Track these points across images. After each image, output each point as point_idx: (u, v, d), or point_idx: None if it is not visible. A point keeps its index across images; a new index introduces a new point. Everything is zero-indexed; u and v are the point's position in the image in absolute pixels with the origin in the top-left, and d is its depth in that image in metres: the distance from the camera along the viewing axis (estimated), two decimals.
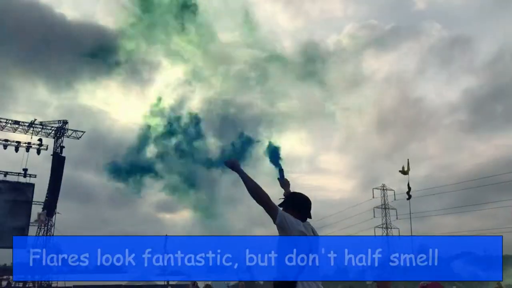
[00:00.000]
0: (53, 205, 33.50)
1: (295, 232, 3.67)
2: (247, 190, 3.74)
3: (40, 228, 33.82)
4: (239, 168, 3.83)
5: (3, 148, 33.00)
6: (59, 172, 33.18)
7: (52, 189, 33.03)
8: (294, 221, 3.71)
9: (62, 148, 34.15)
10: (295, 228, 3.68)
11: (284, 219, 3.67)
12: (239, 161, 3.90)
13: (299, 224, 3.73)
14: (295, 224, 3.70)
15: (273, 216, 3.67)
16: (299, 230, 3.69)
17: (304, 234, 3.70)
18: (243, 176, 3.79)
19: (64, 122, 34.26)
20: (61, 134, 34.41)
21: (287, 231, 3.69)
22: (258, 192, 3.70)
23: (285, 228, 3.69)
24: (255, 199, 3.70)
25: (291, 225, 3.68)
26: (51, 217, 33.89)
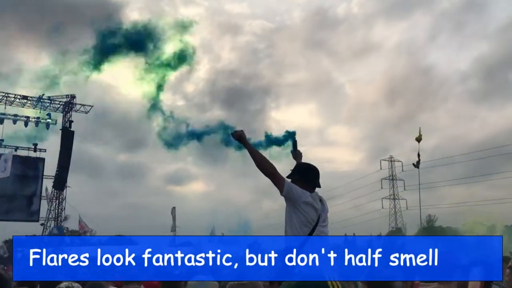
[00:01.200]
0: (63, 179, 33.90)
1: (301, 202, 3.66)
2: (254, 163, 3.73)
3: (52, 201, 34.34)
4: (246, 141, 3.83)
5: (13, 123, 33.18)
6: (68, 146, 33.44)
7: (62, 163, 33.35)
8: (300, 192, 3.71)
9: (71, 122, 34.33)
10: (301, 198, 3.67)
11: (290, 190, 3.67)
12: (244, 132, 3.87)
13: (306, 194, 3.71)
14: (301, 194, 3.69)
15: (280, 188, 3.68)
16: (306, 201, 3.68)
17: (311, 205, 3.69)
18: (249, 149, 3.79)
19: (72, 96, 34.28)
20: (69, 109, 34.52)
21: (294, 202, 3.68)
22: (264, 164, 3.71)
23: (291, 199, 3.69)
24: (261, 171, 3.70)
25: (297, 196, 3.67)
26: (62, 190, 34.35)
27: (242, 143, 3.85)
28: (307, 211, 3.66)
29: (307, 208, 3.66)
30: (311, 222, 3.65)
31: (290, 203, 3.72)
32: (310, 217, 3.66)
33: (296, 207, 3.68)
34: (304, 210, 3.66)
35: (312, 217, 3.66)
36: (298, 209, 3.67)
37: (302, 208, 3.66)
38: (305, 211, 3.66)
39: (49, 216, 34.07)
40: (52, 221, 33.54)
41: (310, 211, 3.67)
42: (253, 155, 3.75)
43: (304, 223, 3.64)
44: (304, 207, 3.66)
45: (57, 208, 34.26)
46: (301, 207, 3.66)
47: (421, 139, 20.29)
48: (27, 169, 33.47)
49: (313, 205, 3.69)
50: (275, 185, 3.70)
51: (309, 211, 3.67)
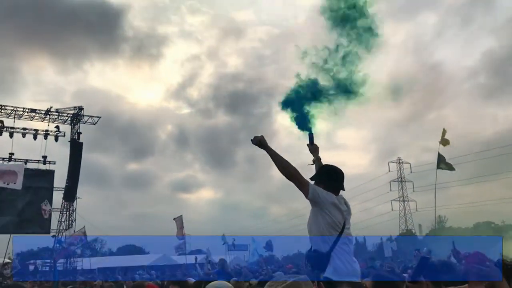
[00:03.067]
0: (73, 191, 34.10)
1: (327, 204, 3.63)
2: (276, 166, 3.69)
3: (62, 213, 34.56)
4: (267, 145, 3.79)
5: (22, 136, 33.49)
6: (77, 158, 33.67)
7: (72, 175, 33.57)
8: (326, 194, 3.67)
9: (79, 134, 34.59)
10: (328, 201, 3.64)
11: (316, 193, 3.63)
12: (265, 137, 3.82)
13: (332, 196, 3.68)
14: (327, 197, 3.66)
15: (305, 191, 3.64)
16: (332, 202, 3.65)
17: (337, 207, 3.66)
18: (271, 153, 3.75)
19: (79, 108, 34.58)
20: (77, 121, 34.79)
21: (320, 205, 3.65)
22: (287, 168, 3.66)
23: (317, 202, 3.66)
24: (284, 175, 3.65)
25: (323, 198, 3.64)
26: (72, 202, 34.55)
27: (263, 148, 3.79)
28: (334, 214, 3.63)
29: (333, 211, 3.64)
30: (338, 225, 3.63)
31: (317, 206, 3.69)
32: (337, 220, 3.63)
33: (324, 210, 3.64)
34: (331, 213, 3.63)
35: (339, 220, 3.64)
36: (326, 212, 3.63)
37: (329, 210, 3.63)
38: (332, 214, 3.63)
39: (60, 228, 34.27)
40: (63, 233, 33.72)
41: (336, 214, 3.64)
42: (275, 159, 3.70)
43: (332, 225, 3.62)
44: (331, 210, 3.63)
45: (68, 219, 34.46)
46: (328, 210, 3.63)
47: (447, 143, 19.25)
48: (37, 181, 33.69)
49: (339, 208, 3.67)
50: (299, 188, 3.66)
51: (336, 214, 3.64)
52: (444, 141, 19.76)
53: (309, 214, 3.81)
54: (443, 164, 21.30)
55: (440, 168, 21.94)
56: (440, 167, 21.64)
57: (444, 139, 19.80)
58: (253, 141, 3.86)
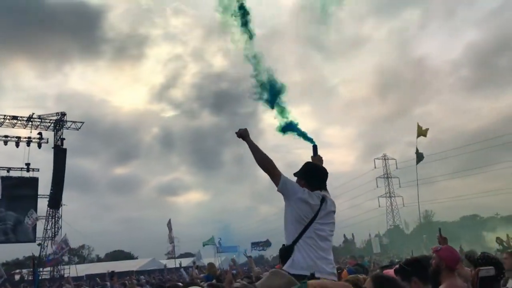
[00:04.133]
0: (58, 198, 33.68)
1: (294, 198, 3.69)
2: (253, 156, 3.84)
3: (48, 221, 34.09)
4: (248, 138, 3.92)
5: (4, 144, 32.98)
6: (61, 164, 33.26)
7: (56, 181, 33.15)
8: (296, 188, 3.75)
9: (63, 140, 34.17)
10: (295, 194, 3.70)
11: (285, 185, 3.73)
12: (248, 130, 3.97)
13: (303, 191, 3.72)
14: (297, 191, 3.72)
15: (276, 182, 3.75)
16: (300, 197, 3.69)
17: (305, 201, 3.68)
18: (251, 145, 3.89)
19: (62, 114, 34.17)
20: (60, 126, 34.37)
21: (288, 197, 3.74)
22: (263, 160, 3.80)
23: (286, 195, 3.75)
24: (261, 166, 3.80)
25: (292, 191, 3.72)
26: (57, 209, 34.10)
27: (244, 139, 3.94)
28: (300, 207, 3.67)
29: (300, 204, 3.67)
30: (304, 219, 3.65)
31: (285, 198, 3.77)
32: (303, 213, 3.66)
33: (290, 203, 3.72)
34: (298, 205, 3.68)
35: (305, 214, 3.66)
36: (292, 205, 3.71)
37: (296, 204, 3.68)
38: (298, 207, 3.67)
39: (46, 236, 33.80)
40: (49, 241, 33.24)
41: (303, 207, 3.67)
42: (254, 150, 3.85)
43: (297, 219, 3.66)
44: (297, 203, 3.68)
45: (53, 227, 34.00)
46: (294, 203, 3.69)
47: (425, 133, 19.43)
48: (21, 189, 33.20)
49: (307, 202, 3.68)
50: (272, 180, 3.77)
51: (303, 207, 3.67)
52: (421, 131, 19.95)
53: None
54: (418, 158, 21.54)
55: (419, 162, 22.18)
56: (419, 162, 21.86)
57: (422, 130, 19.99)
58: (237, 133, 3.98)
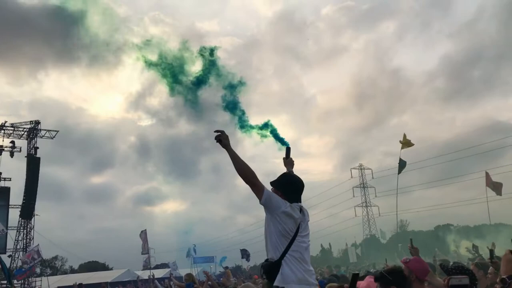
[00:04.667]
0: (31, 208, 32.87)
1: (279, 212, 3.63)
2: (234, 167, 3.69)
3: (19, 231, 33.22)
4: (229, 147, 3.76)
5: None
6: (34, 173, 32.51)
7: (29, 191, 32.37)
8: (280, 202, 3.68)
9: (36, 149, 33.47)
10: (280, 208, 3.64)
11: (269, 199, 3.64)
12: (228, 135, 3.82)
13: (286, 204, 3.68)
14: (280, 204, 3.66)
15: (259, 196, 3.64)
16: (284, 210, 3.65)
17: (289, 215, 3.65)
18: (231, 154, 3.73)
19: (36, 122, 33.53)
20: (34, 135, 33.69)
21: (272, 211, 3.66)
22: (245, 171, 3.66)
23: (270, 208, 3.66)
24: (242, 177, 3.66)
25: (276, 205, 3.65)
26: (29, 219, 33.28)
27: (224, 147, 3.77)
28: (285, 221, 3.63)
29: (285, 218, 3.63)
30: (289, 233, 3.62)
31: (269, 212, 3.69)
32: (288, 227, 3.63)
33: (274, 217, 3.65)
34: (282, 220, 3.62)
35: (290, 227, 3.63)
36: (276, 219, 3.64)
37: (281, 217, 3.62)
38: (283, 221, 3.62)
39: (17, 247, 32.91)
40: (20, 252, 32.37)
41: (288, 221, 3.63)
42: (234, 161, 3.69)
43: (283, 233, 3.62)
44: (282, 217, 3.63)
45: (25, 238, 33.13)
46: (279, 217, 3.63)
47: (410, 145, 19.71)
48: None
49: (291, 215, 3.65)
50: (254, 192, 3.66)
51: (287, 221, 3.63)
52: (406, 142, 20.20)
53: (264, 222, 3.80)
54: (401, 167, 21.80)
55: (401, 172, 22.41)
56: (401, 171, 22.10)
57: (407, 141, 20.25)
58: (216, 138, 3.80)
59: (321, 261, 50.38)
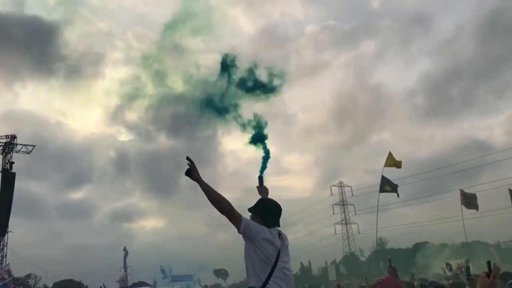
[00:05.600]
0: (4, 224, 32.00)
1: (259, 239, 3.59)
2: (208, 199, 3.59)
3: None
4: (199, 177, 3.65)
5: None
6: (9, 189, 31.75)
7: (3, 207, 31.54)
8: (259, 228, 3.63)
9: (12, 163, 32.77)
10: (259, 235, 3.60)
11: (248, 227, 3.59)
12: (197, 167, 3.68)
13: (265, 230, 3.64)
14: (259, 231, 3.62)
15: (237, 225, 3.58)
16: (264, 237, 3.61)
17: (269, 241, 3.62)
18: (203, 186, 3.63)
19: (12, 136, 32.89)
20: (10, 150, 33.00)
21: (251, 239, 3.61)
22: (221, 202, 3.58)
23: (249, 236, 3.61)
24: (218, 209, 3.58)
25: (255, 233, 3.60)
26: (3, 236, 32.38)
27: (195, 180, 3.64)
28: (265, 247, 3.58)
29: (265, 245, 3.59)
30: (270, 259, 3.58)
31: (248, 240, 3.63)
32: (269, 253, 3.58)
33: (255, 244, 3.59)
34: (263, 246, 3.58)
35: (271, 253, 3.59)
36: (257, 246, 3.58)
37: (261, 244, 3.58)
38: (264, 248, 3.58)
39: None
40: None
41: (268, 248, 3.59)
42: (207, 192, 3.60)
43: (265, 260, 3.57)
44: (262, 244, 3.58)
45: None
46: (260, 244, 3.58)
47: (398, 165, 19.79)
48: None
49: (271, 242, 3.62)
50: (232, 222, 3.59)
51: (268, 247, 3.59)
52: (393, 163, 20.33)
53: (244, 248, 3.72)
54: (388, 186, 21.93)
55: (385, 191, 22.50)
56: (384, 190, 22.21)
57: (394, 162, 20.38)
58: (186, 172, 3.67)
59: (300, 279, 50.10)
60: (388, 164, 20.69)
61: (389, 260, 5.23)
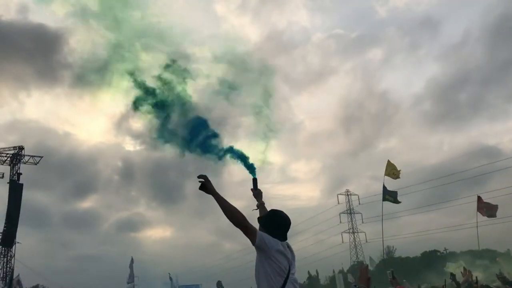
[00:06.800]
0: (12, 235, 32.12)
1: (274, 252, 3.62)
2: (223, 212, 3.63)
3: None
4: (213, 190, 3.70)
5: None
6: (16, 200, 31.91)
7: (10, 218, 31.69)
8: (272, 241, 3.66)
9: (19, 175, 32.96)
10: (274, 248, 3.63)
11: (263, 241, 3.62)
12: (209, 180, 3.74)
13: (277, 243, 3.68)
14: (273, 244, 3.65)
15: (252, 238, 3.61)
16: (278, 249, 3.64)
17: (283, 253, 3.66)
18: (218, 199, 3.68)
19: (20, 148, 33.12)
20: (17, 161, 33.21)
21: (266, 252, 3.63)
22: (236, 215, 3.61)
23: (264, 250, 3.64)
24: (233, 222, 3.61)
25: (270, 246, 3.63)
26: (10, 247, 32.48)
27: (209, 193, 3.70)
28: (280, 260, 3.62)
29: (280, 258, 3.63)
30: (284, 271, 3.61)
31: (263, 253, 3.66)
32: (283, 266, 3.62)
33: (269, 257, 3.62)
34: (277, 259, 3.62)
35: (285, 266, 3.63)
36: (271, 259, 3.62)
37: (275, 257, 3.62)
38: (278, 261, 3.62)
39: None
40: (0, 282, 31.44)
41: (282, 260, 3.63)
42: (222, 205, 3.65)
43: (278, 272, 3.60)
44: (277, 257, 3.62)
45: (5, 266, 32.25)
46: (274, 257, 3.61)
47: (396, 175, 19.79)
48: None
49: (284, 254, 3.66)
50: (246, 235, 3.62)
51: (282, 260, 3.63)
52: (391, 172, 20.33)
53: (255, 262, 3.74)
54: (388, 196, 21.91)
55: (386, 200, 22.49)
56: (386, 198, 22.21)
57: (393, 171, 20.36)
58: (201, 187, 3.72)
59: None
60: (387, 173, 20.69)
61: (392, 273, 5.19)
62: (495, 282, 8.59)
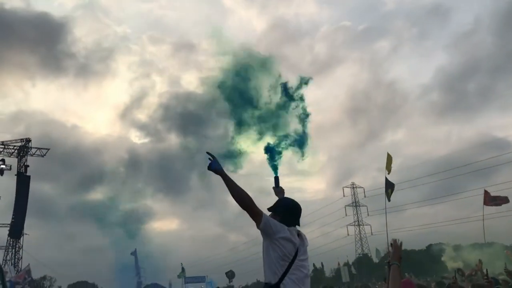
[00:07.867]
0: (20, 227, 32.44)
1: (278, 237, 3.62)
2: (230, 194, 3.66)
3: (8, 251, 32.69)
4: (223, 171, 3.73)
5: None
6: (24, 192, 32.18)
7: (18, 210, 31.98)
8: (279, 226, 3.66)
9: (27, 167, 33.20)
10: (279, 233, 3.63)
11: (268, 224, 3.62)
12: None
13: (284, 229, 3.67)
14: (280, 229, 3.64)
15: (257, 221, 3.62)
16: (283, 235, 3.64)
17: (289, 239, 3.65)
18: (226, 180, 3.70)
19: (27, 140, 33.32)
20: (24, 153, 33.44)
21: (271, 236, 3.64)
22: (242, 197, 3.64)
23: (268, 233, 3.64)
24: (239, 203, 3.64)
25: (275, 230, 3.63)
26: (18, 239, 32.81)
27: (218, 174, 3.73)
28: (284, 245, 3.61)
29: (284, 243, 3.62)
30: (288, 256, 3.61)
31: (267, 237, 3.67)
32: (288, 251, 3.61)
33: (273, 241, 3.63)
34: (281, 243, 3.61)
35: (289, 251, 3.62)
36: (275, 243, 3.62)
37: (280, 242, 3.61)
38: (283, 245, 3.61)
39: (5, 267, 32.32)
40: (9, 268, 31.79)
41: (287, 245, 3.62)
42: (230, 186, 3.66)
43: (282, 257, 3.60)
44: (281, 241, 3.62)
45: (13, 257, 32.60)
46: (278, 241, 3.61)
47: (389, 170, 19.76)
48: None
49: (290, 240, 3.65)
50: (252, 217, 3.64)
51: (287, 245, 3.62)
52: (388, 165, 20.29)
53: (262, 248, 3.77)
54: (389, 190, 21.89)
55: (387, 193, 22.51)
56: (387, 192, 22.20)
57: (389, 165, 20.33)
58: (210, 166, 3.76)
59: (313, 281, 49.89)
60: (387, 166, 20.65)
61: None
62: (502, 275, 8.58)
